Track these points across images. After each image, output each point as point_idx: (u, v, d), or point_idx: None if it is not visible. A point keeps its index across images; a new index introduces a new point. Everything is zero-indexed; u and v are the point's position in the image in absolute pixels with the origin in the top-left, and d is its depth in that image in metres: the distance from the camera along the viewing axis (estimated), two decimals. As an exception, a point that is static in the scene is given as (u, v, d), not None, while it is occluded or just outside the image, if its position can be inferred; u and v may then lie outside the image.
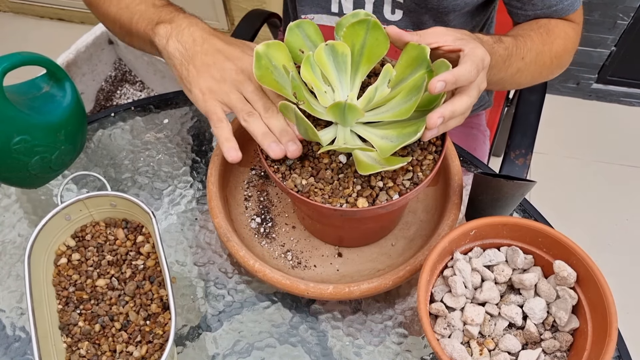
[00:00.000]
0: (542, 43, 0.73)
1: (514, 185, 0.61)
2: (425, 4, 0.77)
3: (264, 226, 0.74)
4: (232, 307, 0.71)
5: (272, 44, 0.59)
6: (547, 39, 0.74)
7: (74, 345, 0.65)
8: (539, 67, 0.74)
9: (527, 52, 0.71)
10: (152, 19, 0.66)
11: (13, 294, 0.73)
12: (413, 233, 0.73)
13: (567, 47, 0.77)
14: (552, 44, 0.75)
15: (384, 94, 0.57)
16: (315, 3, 0.83)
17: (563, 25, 0.78)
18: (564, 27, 0.77)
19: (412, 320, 0.70)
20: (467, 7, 0.79)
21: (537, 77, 0.76)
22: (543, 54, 0.73)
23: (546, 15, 0.77)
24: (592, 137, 1.80)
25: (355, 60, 0.59)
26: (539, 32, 0.74)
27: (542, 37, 0.74)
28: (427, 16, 0.80)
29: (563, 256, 0.62)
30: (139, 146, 0.85)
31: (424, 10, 0.78)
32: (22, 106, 0.67)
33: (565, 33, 0.77)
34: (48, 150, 0.71)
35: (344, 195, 0.58)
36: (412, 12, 0.79)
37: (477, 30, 0.88)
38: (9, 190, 0.81)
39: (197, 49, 0.62)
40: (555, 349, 0.60)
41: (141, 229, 0.72)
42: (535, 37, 0.73)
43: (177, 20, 0.65)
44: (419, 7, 0.78)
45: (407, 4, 0.78)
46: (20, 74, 0.69)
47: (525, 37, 0.72)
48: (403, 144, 0.53)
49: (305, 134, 0.55)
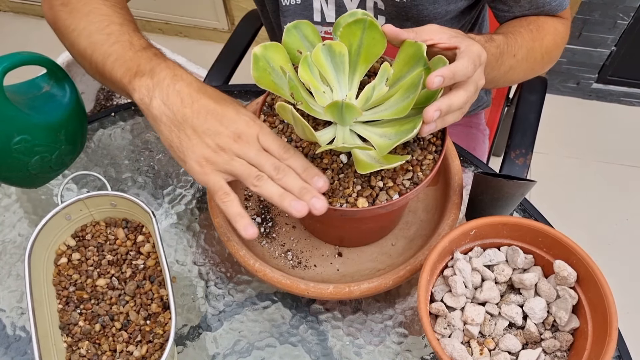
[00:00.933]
0: (533, 40, 0.74)
1: (514, 185, 0.61)
2: (406, 13, 0.77)
3: (264, 226, 0.74)
4: (232, 307, 0.71)
5: (270, 45, 0.59)
6: (537, 35, 0.75)
7: (74, 345, 0.65)
8: (530, 63, 0.74)
9: (518, 49, 0.71)
10: (130, 67, 0.59)
11: (13, 294, 0.73)
12: (413, 233, 0.73)
13: (556, 42, 0.78)
14: (543, 39, 0.75)
15: (381, 92, 0.57)
16: (297, 13, 0.83)
17: (552, 21, 0.78)
18: (553, 23, 0.78)
19: (412, 320, 0.70)
20: (448, 15, 0.80)
21: (529, 72, 0.77)
22: (534, 50, 0.74)
23: (534, 14, 0.78)
24: (592, 137, 1.80)
25: (352, 60, 0.59)
26: (529, 29, 0.74)
27: (532, 34, 0.74)
28: (409, 23, 0.80)
29: (563, 256, 0.62)
30: (139, 146, 0.85)
31: (404, 18, 0.78)
32: (22, 106, 0.67)
33: (555, 28, 0.77)
34: (48, 150, 0.71)
35: (344, 195, 0.58)
36: (394, 19, 0.80)
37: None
38: (9, 189, 0.81)
39: (186, 111, 0.55)
40: (556, 349, 0.60)
41: (141, 229, 0.72)
42: (525, 33, 0.73)
43: (158, 72, 0.57)
44: (400, 15, 0.78)
45: (389, 11, 0.78)
46: (20, 74, 0.69)
47: (515, 35, 0.72)
48: (401, 140, 0.53)
49: (303, 135, 0.55)
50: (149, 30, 2.02)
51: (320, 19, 0.82)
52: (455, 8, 0.79)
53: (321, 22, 0.82)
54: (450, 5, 0.78)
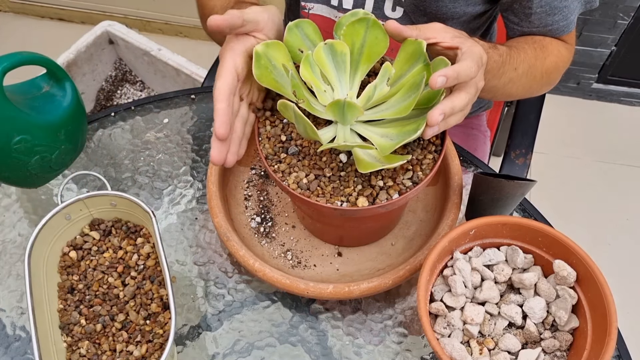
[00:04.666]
0: (535, 57, 0.75)
1: (514, 185, 0.61)
2: (424, 8, 0.78)
3: (264, 226, 0.74)
4: (232, 307, 0.71)
5: (271, 43, 0.59)
6: (540, 54, 0.76)
7: (74, 345, 0.65)
8: (529, 80, 0.75)
9: (520, 63, 0.71)
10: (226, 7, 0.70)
11: (13, 294, 0.73)
12: (413, 232, 0.73)
13: (557, 65, 0.79)
14: (545, 59, 0.76)
15: (383, 92, 0.57)
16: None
17: (557, 43, 0.79)
18: (557, 46, 0.79)
19: (412, 319, 0.70)
20: (464, 17, 0.80)
21: (527, 90, 0.77)
22: (535, 67, 0.74)
23: (541, 33, 0.78)
24: (592, 137, 1.80)
25: (354, 59, 0.60)
26: (533, 47, 0.75)
27: (535, 52, 0.75)
28: (425, 19, 0.80)
29: (563, 256, 0.62)
30: (139, 146, 0.85)
31: (422, 13, 0.79)
32: (22, 106, 0.67)
33: (559, 51, 0.79)
34: (48, 149, 0.71)
35: (344, 194, 0.58)
36: (411, 13, 0.80)
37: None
38: (9, 189, 0.81)
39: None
40: (555, 349, 0.60)
41: (141, 229, 0.72)
42: (529, 50, 0.74)
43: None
44: (418, 10, 0.78)
45: (407, 4, 0.79)
46: (20, 74, 0.69)
47: (519, 49, 0.73)
48: (403, 141, 0.53)
49: (304, 133, 0.56)
50: (149, 31, 2.02)
51: (337, 3, 0.82)
52: (472, 11, 0.80)
53: (337, 6, 0.83)
54: (468, 7, 0.78)
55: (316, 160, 0.60)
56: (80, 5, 2.01)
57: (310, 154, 0.61)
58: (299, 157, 0.61)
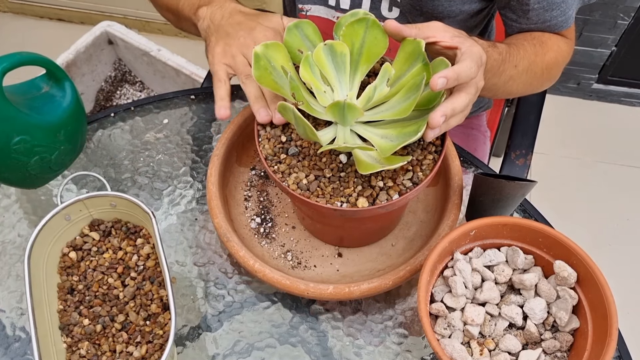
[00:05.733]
0: (535, 54, 0.74)
1: (514, 185, 0.61)
2: (420, 7, 0.78)
3: (264, 226, 0.74)
4: (232, 307, 0.71)
5: (271, 44, 0.59)
6: (540, 50, 0.75)
7: (74, 346, 0.65)
8: (529, 77, 0.75)
9: (519, 60, 0.71)
10: (194, 3, 0.74)
11: (13, 294, 0.73)
12: (413, 233, 0.73)
13: (558, 60, 0.78)
14: (545, 55, 0.76)
15: (383, 92, 0.57)
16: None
17: (556, 38, 0.79)
18: (557, 41, 0.78)
19: (412, 320, 0.70)
20: (461, 15, 0.80)
21: (527, 87, 0.77)
22: (535, 64, 0.74)
23: (540, 29, 0.78)
24: (592, 137, 1.80)
25: (354, 60, 0.60)
26: (532, 43, 0.75)
27: (535, 48, 0.75)
28: (422, 19, 0.80)
29: (563, 256, 0.62)
30: (138, 146, 0.85)
31: (418, 13, 0.79)
32: (22, 106, 0.67)
33: (558, 46, 0.78)
34: (48, 150, 0.71)
35: (344, 195, 0.58)
36: (407, 13, 0.80)
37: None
38: (8, 190, 0.81)
39: (222, 22, 0.70)
40: (556, 349, 0.60)
41: (141, 229, 0.72)
42: (528, 47, 0.74)
43: (214, 1, 0.72)
44: (414, 9, 0.78)
45: (404, 4, 0.79)
46: (20, 74, 0.69)
47: (518, 46, 0.73)
48: (403, 143, 0.53)
49: (304, 134, 0.55)
50: (149, 31, 2.02)
51: (335, 3, 0.83)
52: (468, 9, 0.79)
53: (335, 6, 0.83)
54: (465, 5, 0.78)
55: (316, 161, 0.60)
56: (79, 6, 2.01)
57: (310, 154, 0.61)
58: (298, 158, 0.61)
